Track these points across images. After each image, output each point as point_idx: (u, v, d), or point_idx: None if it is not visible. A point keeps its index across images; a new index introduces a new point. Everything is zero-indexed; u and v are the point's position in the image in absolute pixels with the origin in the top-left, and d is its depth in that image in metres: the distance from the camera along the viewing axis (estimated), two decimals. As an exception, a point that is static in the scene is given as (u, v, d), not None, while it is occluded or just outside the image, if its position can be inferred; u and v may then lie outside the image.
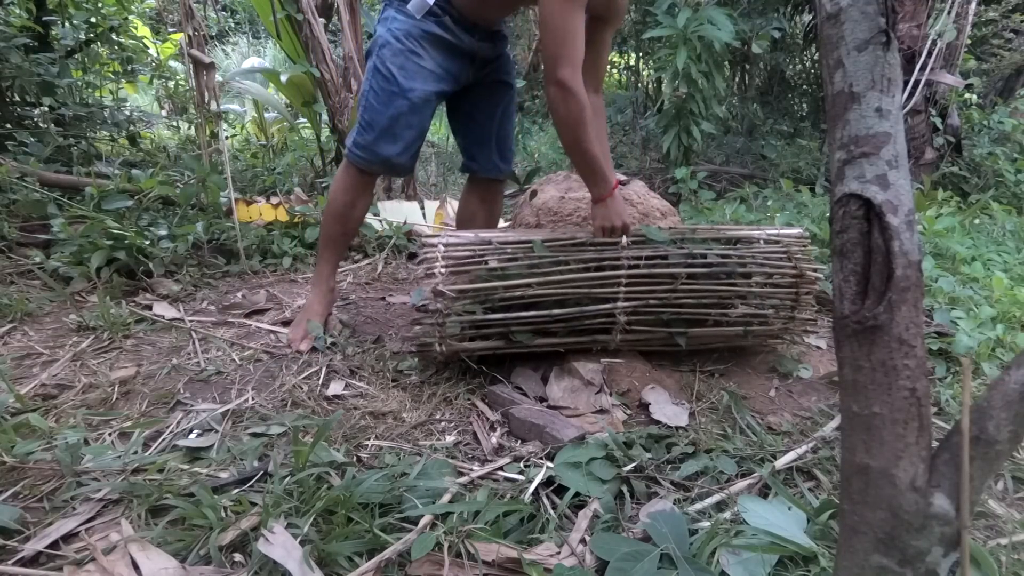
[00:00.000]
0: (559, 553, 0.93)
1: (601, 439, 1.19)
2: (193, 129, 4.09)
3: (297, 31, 3.19)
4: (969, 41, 4.36)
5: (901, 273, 0.61)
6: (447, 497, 1.03)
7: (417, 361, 1.55)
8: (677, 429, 1.30)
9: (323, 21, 3.21)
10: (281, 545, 0.87)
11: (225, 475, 1.08)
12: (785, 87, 5.84)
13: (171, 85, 4.51)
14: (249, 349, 1.61)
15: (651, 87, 5.79)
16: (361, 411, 1.32)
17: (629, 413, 1.38)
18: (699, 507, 1.05)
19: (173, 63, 4.47)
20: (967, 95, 4.19)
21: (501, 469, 1.14)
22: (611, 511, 1.03)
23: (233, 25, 8.47)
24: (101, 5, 3.69)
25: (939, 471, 0.62)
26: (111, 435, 1.19)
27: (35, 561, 0.89)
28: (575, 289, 1.40)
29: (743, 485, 1.10)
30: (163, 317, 1.77)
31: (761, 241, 1.56)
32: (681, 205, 3.46)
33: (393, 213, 2.81)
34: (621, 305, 1.42)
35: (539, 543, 0.95)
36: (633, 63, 5.83)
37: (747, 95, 5.68)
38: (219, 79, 3.10)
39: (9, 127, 2.97)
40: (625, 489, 1.09)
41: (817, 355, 1.74)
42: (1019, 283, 2.18)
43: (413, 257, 2.61)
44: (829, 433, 1.30)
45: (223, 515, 0.96)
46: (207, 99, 2.40)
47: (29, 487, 1.03)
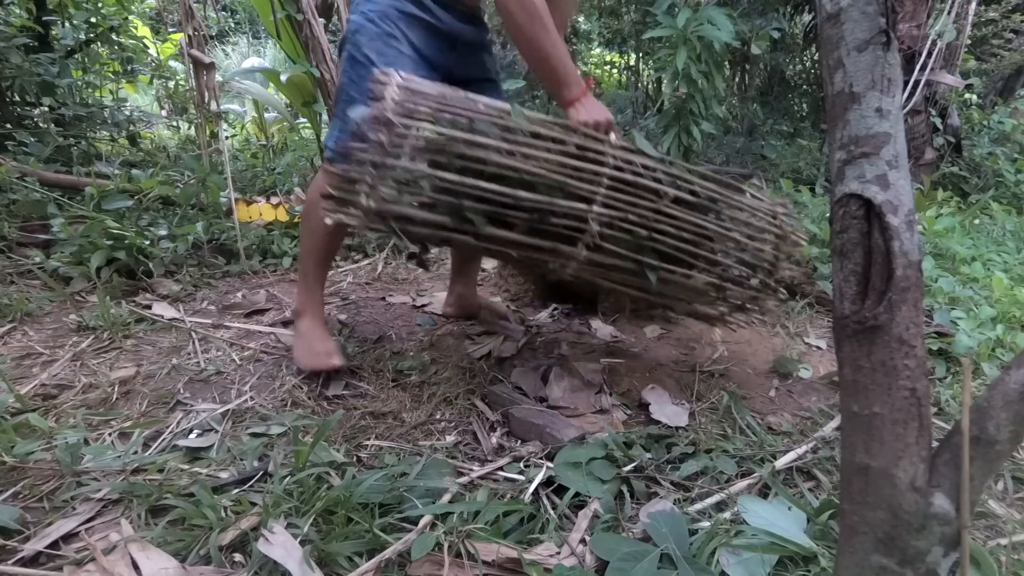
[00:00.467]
0: (559, 553, 0.93)
1: (601, 439, 1.19)
2: (193, 129, 4.09)
3: (297, 31, 3.19)
4: (969, 41, 4.36)
5: (901, 273, 0.61)
6: (447, 497, 1.03)
7: (417, 361, 1.55)
8: (677, 429, 1.30)
9: (323, 21, 3.20)
10: (281, 545, 0.87)
11: (225, 475, 1.08)
12: (785, 87, 5.84)
13: (171, 85, 4.51)
14: (249, 349, 1.61)
15: (651, 87, 5.79)
16: (361, 411, 1.32)
17: (629, 413, 1.38)
18: (699, 507, 1.05)
19: (173, 63, 4.47)
20: (967, 95, 4.19)
21: (501, 469, 1.14)
22: (611, 511, 1.03)
23: (233, 25, 8.47)
24: (101, 5, 3.69)
25: (939, 471, 0.62)
26: (111, 435, 1.19)
27: (35, 561, 0.89)
28: (549, 173, 1.14)
29: (743, 485, 1.10)
30: (163, 317, 1.77)
31: (748, 194, 1.43)
32: (681, 205, 3.46)
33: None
34: (597, 210, 1.17)
35: (539, 543, 0.95)
36: (633, 63, 5.83)
37: (747, 95, 5.68)
38: (219, 79, 3.10)
39: (9, 127, 2.97)
40: (625, 489, 1.09)
41: (817, 355, 1.74)
42: (1019, 283, 2.18)
43: (413, 257, 2.61)
44: (829, 433, 1.30)
45: (223, 515, 0.96)
46: (207, 99, 2.40)
47: (29, 487, 1.03)
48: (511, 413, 1.29)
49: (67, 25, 3.53)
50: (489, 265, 2.41)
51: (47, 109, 3.14)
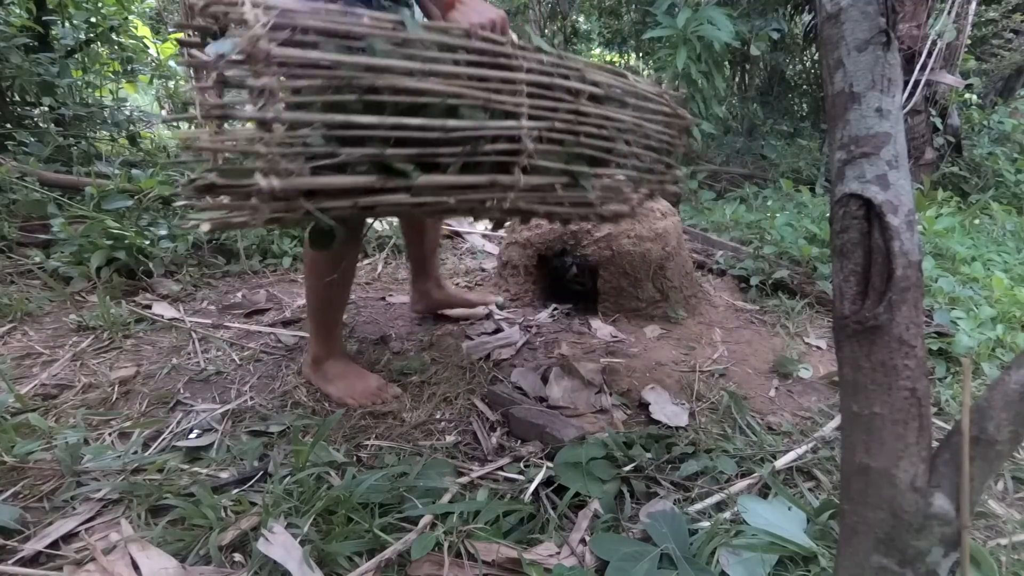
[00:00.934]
0: (559, 553, 0.93)
1: (601, 439, 1.19)
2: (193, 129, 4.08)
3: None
4: (969, 41, 4.36)
5: (901, 273, 0.61)
6: (447, 497, 1.03)
7: (418, 361, 1.55)
8: (677, 429, 1.30)
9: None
10: (281, 545, 0.87)
11: (225, 475, 1.08)
12: (785, 87, 5.84)
13: (171, 85, 4.51)
14: (249, 349, 1.61)
15: (651, 87, 5.78)
16: (361, 411, 1.32)
17: (629, 413, 1.38)
18: (699, 507, 1.05)
19: (173, 63, 4.47)
20: (967, 95, 4.19)
21: (501, 469, 1.14)
22: (611, 511, 1.03)
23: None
24: (101, 5, 3.69)
25: (939, 471, 0.62)
26: (111, 435, 1.19)
27: (35, 561, 0.89)
28: (472, 92, 0.95)
29: (743, 485, 1.10)
30: (163, 317, 1.77)
31: (631, 78, 1.32)
32: (681, 205, 3.46)
33: (393, 213, 2.80)
34: (527, 124, 1.01)
35: (539, 543, 0.95)
36: (633, 63, 5.83)
37: (747, 95, 5.68)
38: (219, 79, 3.09)
39: (9, 127, 2.97)
40: (625, 489, 1.09)
41: (817, 355, 1.74)
42: (1019, 283, 2.18)
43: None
44: (829, 433, 1.30)
45: (223, 515, 0.96)
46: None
47: (29, 487, 1.03)
48: (511, 413, 1.29)
49: (67, 25, 3.53)
50: (489, 265, 2.41)
51: (47, 109, 3.14)
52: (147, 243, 2.08)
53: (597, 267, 1.88)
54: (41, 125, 3.19)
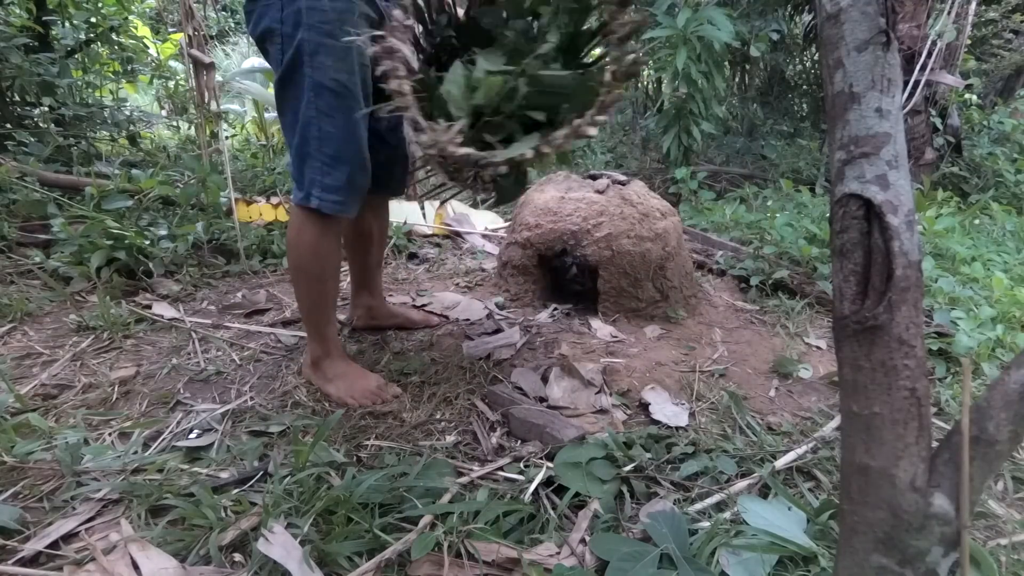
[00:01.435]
0: (559, 553, 0.93)
1: (601, 439, 1.19)
2: (193, 129, 4.09)
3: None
4: (969, 41, 4.36)
5: (901, 273, 0.61)
6: (447, 497, 1.03)
7: (418, 362, 1.55)
8: (677, 429, 1.30)
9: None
10: (281, 545, 0.87)
11: (225, 475, 1.08)
12: (785, 87, 5.84)
13: (171, 85, 4.51)
14: (249, 349, 1.61)
15: (651, 87, 5.79)
16: (361, 411, 1.32)
17: (629, 413, 1.38)
18: (699, 507, 1.05)
19: (173, 63, 4.47)
20: (967, 95, 4.19)
21: (501, 469, 1.14)
22: (611, 511, 1.03)
23: (233, 25, 8.48)
24: (101, 5, 3.69)
25: (939, 471, 0.62)
26: (111, 435, 1.19)
27: (35, 561, 0.89)
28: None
29: (743, 485, 1.10)
30: (163, 317, 1.77)
31: None
32: (681, 205, 3.46)
33: (393, 213, 2.80)
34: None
35: (539, 543, 0.95)
36: (633, 63, 5.81)
37: (747, 95, 5.68)
38: (219, 79, 3.10)
39: (9, 127, 2.98)
40: (625, 489, 1.09)
41: (817, 355, 1.74)
42: (1019, 283, 2.18)
43: (413, 257, 2.61)
44: (829, 433, 1.30)
45: (223, 515, 0.96)
46: (207, 99, 2.40)
47: (29, 487, 1.03)
48: (511, 413, 1.29)
49: (67, 25, 3.53)
50: (489, 265, 2.41)
51: (47, 109, 3.14)
52: (147, 243, 2.08)
53: (597, 267, 1.88)
54: (41, 125, 3.19)
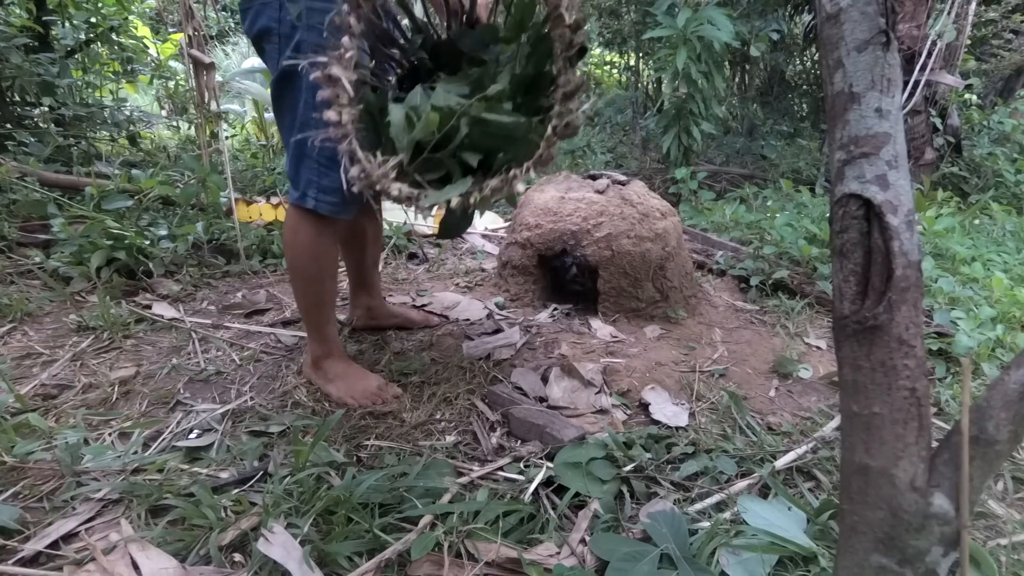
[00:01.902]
0: (559, 553, 0.93)
1: (601, 439, 1.19)
2: (193, 129, 4.09)
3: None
4: (969, 41, 4.36)
5: (901, 273, 0.61)
6: (447, 497, 1.03)
7: (418, 362, 1.55)
8: (677, 429, 1.30)
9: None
10: (281, 545, 0.87)
11: (225, 475, 1.08)
12: (785, 87, 5.84)
13: (171, 85, 4.51)
14: (249, 349, 1.61)
15: (651, 87, 5.79)
16: (361, 411, 1.32)
17: (629, 413, 1.38)
18: (699, 507, 1.05)
19: (173, 63, 4.47)
20: (967, 95, 4.19)
21: (501, 469, 1.14)
22: (611, 511, 1.03)
23: (233, 25, 8.48)
24: (101, 5, 3.69)
25: (939, 471, 0.62)
26: (111, 435, 1.19)
27: (35, 561, 0.89)
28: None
29: (743, 485, 1.10)
30: (163, 317, 1.77)
31: None
32: (681, 205, 3.46)
33: (393, 213, 2.81)
34: None
35: (539, 543, 0.95)
36: (633, 63, 5.83)
37: (747, 95, 5.69)
38: (219, 79, 3.10)
39: (9, 127, 2.98)
40: (625, 489, 1.09)
41: (817, 355, 1.74)
42: (1019, 283, 2.18)
43: (413, 257, 2.61)
44: (829, 433, 1.30)
45: (223, 515, 0.96)
46: (207, 99, 2.40)
47: (29, 487, 1.03)
48: (511, 413, 1.29)
49: (67, 25, 3.53)
50: (489, 265, 2.41)
51: (47, 109, 3.14)
52: (147, 243, 2.08)
53: (597, 267, 1.88)
54: (41, 125, 3.19)
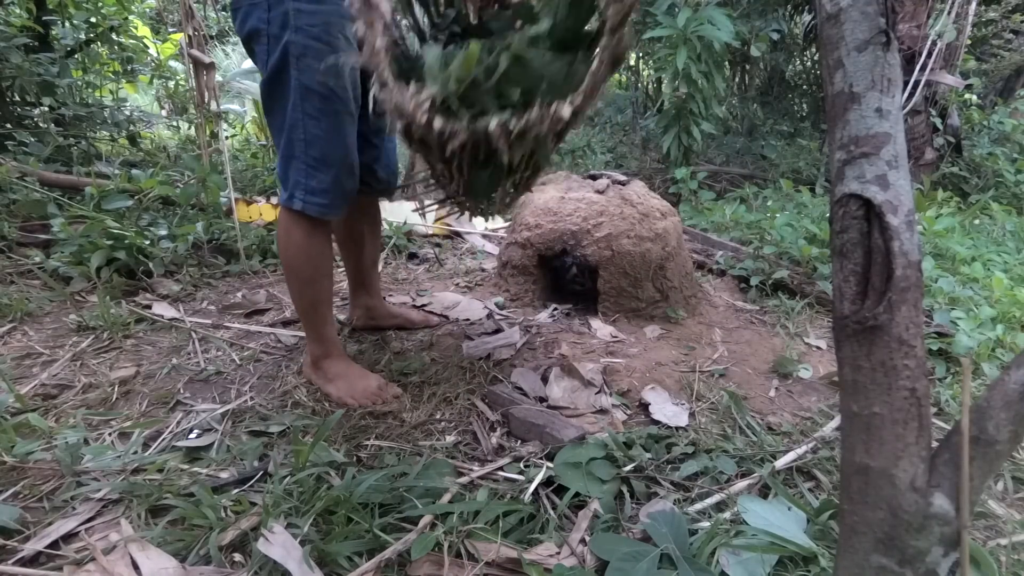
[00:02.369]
0: (559, 553, 0.93)
1: (601, 439, 1.19)
2: (193, 129, 4.09)
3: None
4: (969, 41, 4.36)
5: (901, 273, 0.61)
6: (447, 497, 1.03)
7: (418, 362, 1.55)
8: (677, 429, 1.30)
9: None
10: (281, 545, 0.87)
11: (225, 475, 1.08)
12: (785, 87, 5.84)
13: (171, 85, 4.51)
14: (249, 349, 1.61)
15: (651, 87, 5.79)
16: (361, 411, 1.32)
17: (629, 413, 1.38)
18: (699, 507, 1.05)
19: (173, 63, 4.47)
20: (967, 95, 4.19)
21: (501, 469, 1.14)
22: (611, 511, 1.03)
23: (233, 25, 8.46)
24: (101, 5, 3.69)
25: (939, 471, 0.62)
26: (111, 435, 1.19)
27: (35, 561, 0.89)
28: None
29: (743, 485, 1.10)
30: (163, 317, 1.77)
31: None
32: (681, 205, 3.46)
33: (393, 213, 2.81)
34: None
35: (539, 543, 0.95)
36: (633, 63, 5.83)
37: (747, 95, 5.69)
38: (219, 79, 3.10)
39: (9, 127, 2.98)
40: (625, 489, 1.09)
41: (817, 355, 1.74)
42: (1019, 283, 2.18)
43: (413, 257, 2.61)
44: (829, 433, 1.30)
45: (223, 515, 0.96)
46: (207, 99, 2.40)
47: (29, 487, 1.03)
48: (511, 413, 1.29)
49: (67, 25, 3.53)
50: (489, 265, 2.41)
51: (47, 109, 3.14)
52: (147, 243, 2.08)
53: (597, 267, 1.88)
54: (41, 125, 3.19)
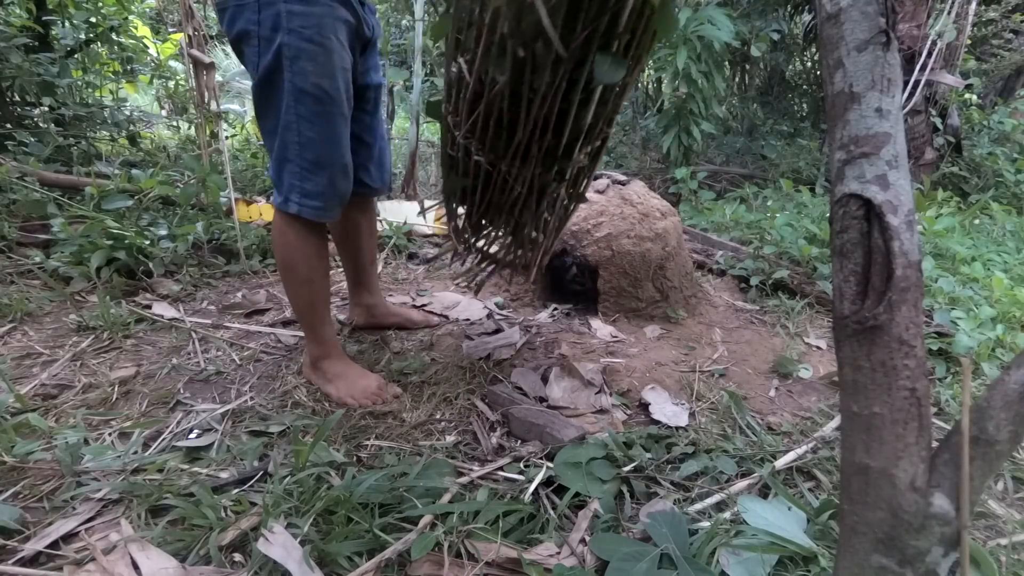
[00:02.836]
0: (559, 553, 0.93)
1: (601, 439, 1.19)
2: (193, 129, 4.09)
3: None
4: (969, 41, 4.36)
5: (901, 273, 0.61)
6: (447, 497, 1.03)
7: (418, 362, 1.55)
8: (677, 429, 1.30)
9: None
10: (281, 545, 0.87)
11: (225, 475, 1.08)
12: (785, 87, 5.84)
13: (171, 85, 4.51)
14: (249, 349, 1.61)
15: (651, 87, 5.79)
16: (361, 411, 1.32)
17: (629, 413, 1.38)
18: (699, 507, 1.05)
19: (173, 63, 4.46)
20: (967, 95, 4.19)
21: (501, 469, 1.14)
22: (611, 511, 1.03)
23: (233, 25, 8.46)
24: (101, 5, 3.69)
25: (939, 471, 0.62)
26: (111, 435, 1.19)
27: (35, 561, 0.89)
28: None
29: (743, 485, 1.10)
30: (163, 317, 1.77)
31: None
32: (681, 205, 3.46)
33: (393, 213, 2.81)
34: None
35: (539, 543, 0.95)
36: (633, 63, 5.81)
37: (747, 95, 5.69)
38: (219, 79, 3.10)
39: (9, 127, 2.98)
40: (625, 489, 1.09)
41: (817, 355, 1.74)
42: (1019, 283, 2.18)
43: (413, 257, 2.61)
44: (829, 433, 1.30)
45: (223, 515, 0.96)
46: (207, 99, 2.40)
47: (29, 487, 1.03)
48: (511, 413, 1.29)
49: (67, 25, 3.53)
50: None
51: (47, 109, 3.14)
52: (147, 243, 2.08)
53: (597, 267, 1.88)
54: (41, 125, 3.19)
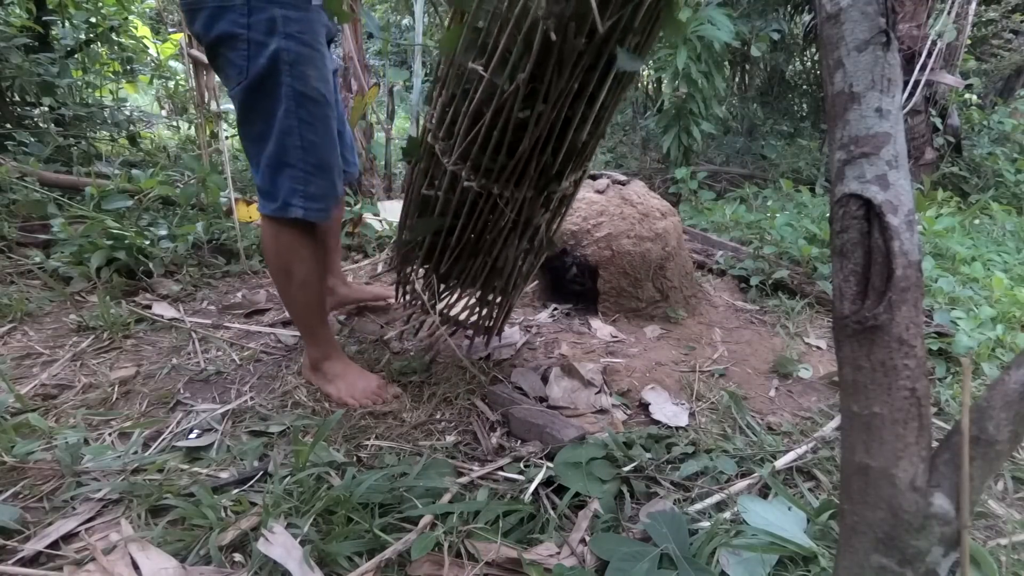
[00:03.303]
0: (559, 553, 0.93)
1: (601, 439, 1.19)
2: (193, 129, 4.09)
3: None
4: (969, 41, 4.36)
5: (901, 273, 0.61)
6: (447, 497, 1.03)
7: (418, 361, 1.55)
8: (677, 429, 1.30)
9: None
10: (281, 545, 0.87)
11: (225, 475, 1.08)
12: (785, 87, 5.84)
13: (171, 85, 4.51)
14: (249, 349, 1.61)
15: (651, 87, 5.79)
16: (361, 411, 1.32)
17: (629, 413, 1.38)
18: (699, 507, 1.05)
19: (173, 63, 4.47)
20: (967, 95, 4.19)
21: (501, 469, 1.14)
22: (611, 511, 1.03)
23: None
24: (101, 5, 3.70)
25: (939, 471, 0.62)
26: (111, 435, 1.19)
27: (35, 561, 0.89)
28: None
29: (743, 485, 1.10)
30: (163, 317, 1.77)
31: None
32: (681, 205, 3.46)
33: (393, 213, 2.81)
34: None
35: (539, 543, 0.95)
36: (633, 63, 5.82)
37: (747, 95, 5.69)
38: (219, 79, 3.09)
39: (9, 127, 2.98)
40: (625, 489, 1.09)
41: (817, 355, 1.74)
42: (1019, 283, 2.18)
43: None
44: (829, 433, 1.30)
45: (223, 515, 0.96)
46: (207, 99, 2.40)
47: (29, 487, 1.03)
48: (511, 413, 1.29)
49: (67, 25, 3.54)
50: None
51: (47, 109, 3.15)
52: (147, 243, 2.08)
53: (597, 267, 1.88)
54: (41, 125, 3.19)
